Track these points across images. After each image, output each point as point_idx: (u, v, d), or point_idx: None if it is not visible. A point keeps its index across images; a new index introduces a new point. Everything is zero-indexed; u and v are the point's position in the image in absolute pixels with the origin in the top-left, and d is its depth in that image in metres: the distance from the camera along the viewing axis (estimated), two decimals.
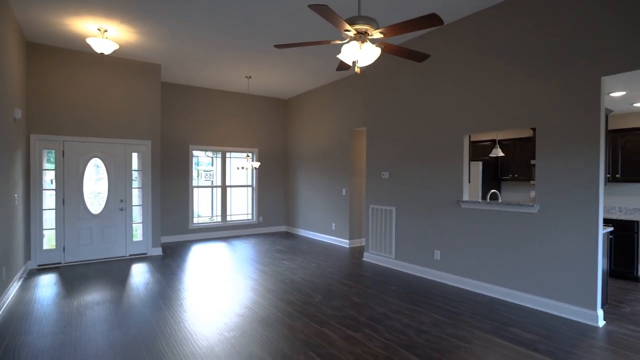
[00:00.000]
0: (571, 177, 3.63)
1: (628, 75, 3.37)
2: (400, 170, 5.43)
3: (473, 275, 4.46)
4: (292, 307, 3.85)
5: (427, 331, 3.29)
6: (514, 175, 6.25)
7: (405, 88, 5.37)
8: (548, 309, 3.76)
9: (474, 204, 4.45)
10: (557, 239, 3.72)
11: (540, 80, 3.85)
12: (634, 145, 5.07)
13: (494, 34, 4.26)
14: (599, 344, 3.08)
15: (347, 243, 7.08)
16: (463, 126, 4.61)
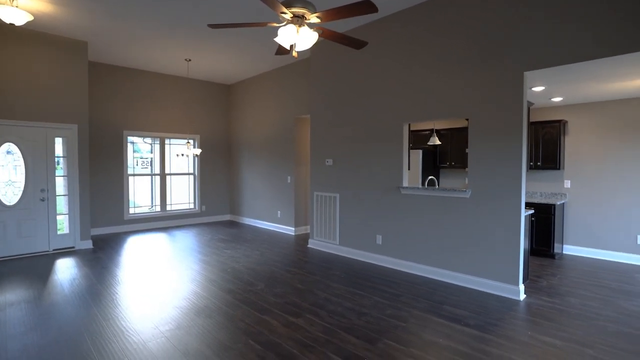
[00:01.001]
0: (498, 165, 3.89)
1: (546, 72, 3.65)
2: (344, 157, 5.48)
3: (412, 257, 4.66)
4: (233, 297, 3.74)
5: (368, 313, 3.37)
6: (451, 163, 6.60)
7: (349, 77, 5.39)
8: (479, 287, 4.04)
9: (412, 190, 4.62)
10: (486, 221, 3.99)
11: (472, 73, 4.05)
12: (552, 136, 5.58)
13: (431, 27, 4.39)
14: (519, 316, 3.37)
15: (293, 230, 7.06)
16: (403, 115, 4.73)
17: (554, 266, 4.99)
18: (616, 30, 3.15)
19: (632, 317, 3.36)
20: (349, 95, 5.41)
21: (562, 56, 3.45)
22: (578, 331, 3.05)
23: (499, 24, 3.85)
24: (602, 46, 3.22)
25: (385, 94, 4.92)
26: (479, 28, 4.00)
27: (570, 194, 5.66)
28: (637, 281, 4.38)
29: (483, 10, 3.97)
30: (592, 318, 3.32)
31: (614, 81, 4.14)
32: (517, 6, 3.72)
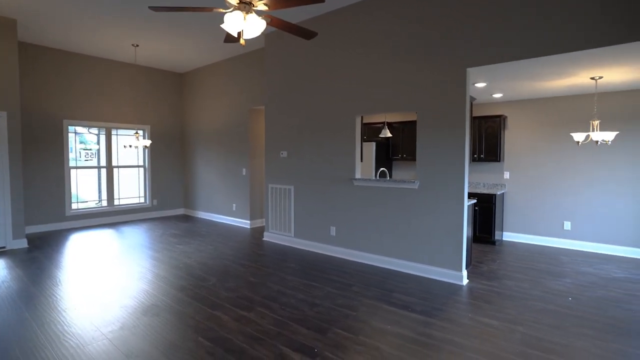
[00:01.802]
0: (444, 157, 4.08)
1: (487, 68, 3.87)
2: (298, 149, 5.48)
3: (365, 248, 4.79)
4: (184, 293, 3.64)
5: (320, 304, 3.43)
6: (402, 155, 6.83)
7: (303, 69, 5.37)
8: (426, 274, 4.25)
9: (365, 182, 4.73)
10: (433, 211, 4.19)
11: (420, 68, 4.20)
12: (493, 130, 5.94)
13: (381, 22, 4.47)
14: (462, 300, 3.59)
15: (248, 224, 6.98)
16: (355, 108, 4.81)
17: (494, 252, 5.36)
18: (545, 33, 3.40)
19: (556, 295, 3.71)
20: (303, 87, 5.39)
21: (499, 55, 3.66)
22: (511, 311, 3.32)
23: (444, 21, 4.00)
24: (531, 47, 3.46)
25: (339, 86, 4.96)
26: (426, 24, 4.13)
27: (509, 184, 6.09)
28: (562, 262, 4.83)
29: (429, 7, 4.10)
30: (524, 298, 3.62)
31: (546, 80, 4.47)
32: (460, 6, 3.88)
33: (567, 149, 5.53)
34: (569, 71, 4.02)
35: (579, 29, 3.24)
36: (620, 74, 4.15)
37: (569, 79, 4.41)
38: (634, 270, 4.55)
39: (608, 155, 5.22)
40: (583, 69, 3.89)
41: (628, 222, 5.13)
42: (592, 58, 3.50)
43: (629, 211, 5.12)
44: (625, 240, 5.15)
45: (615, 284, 4.05)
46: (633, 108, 5.04)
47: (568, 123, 5.50)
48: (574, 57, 3.47)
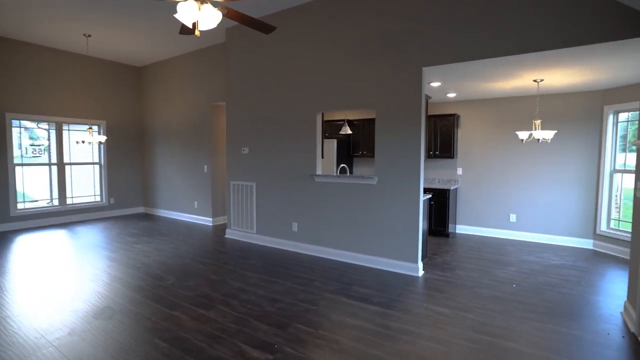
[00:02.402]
0: (400, 153, 4.24)
1: (441, 68, 4.05)
2: (260, 145, 5.46)
3: (326, 243, 4.88)
4: (140, 294, 3.55)
5: (280, 300, 3.48)
6: (363, 152, 6.99)
7: (265, 64, 5.34)
8: (385, 267, 4.40)
9: (325, 178, 4.81)
10: (391, 206, 4.34)
11: (378, 66, 4.32)
12: (447, 128, 6.23)
13: (343, 19, 4.55)
14: (417, 290, 3.77)
15: (211, 221, 6.87)
16: (316, 105, 4.86)
17: (448, 244, 5.65)
18: (492, 37, 3.62)
19: (502, 282, 3.99)
20: (264, 84, 5.37)
21: (452, 56, 3.85)
22: (462, 299, 3.53)
23: (402, 21, 4.14)
24: (480, 49, 3.68)
25: (300, 83, 5.00)
26: (385, 24, 4.25)
27: (462, 179, 6.42)
28: (508, 252, 5.19)
29: (388, 7, 4.22)
30: (473, 287, 3.86)
31: (494, 81, 4.75)
32: (417, 7, 4.03)
33: (513, 146, 5.92)
34: (514, 73, 4.30)
35: (523, 34, 3.48)
36: (559, 78, 4.50)
37: (514, 81, 4.72)
38: (568, 257, 4.98)
39: (548, 152, 5.64)
40: (526, 71, 4.18)
41: (565, 214, 5.59)
42: (534, 61, 3.76)
43: (566, 204, 5.57)
44: (563, 231, 5.61)
45: (552, 270, 4.42)
46: (569, 109, 5.48)
47: (514, 122, 5.88)
48: (518, 60, 3.72)
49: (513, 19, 3.52)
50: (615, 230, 5.17)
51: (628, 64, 3.84)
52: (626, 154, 5.12)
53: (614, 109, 5.13)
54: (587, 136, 5.39)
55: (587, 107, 5.38)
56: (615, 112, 5.15)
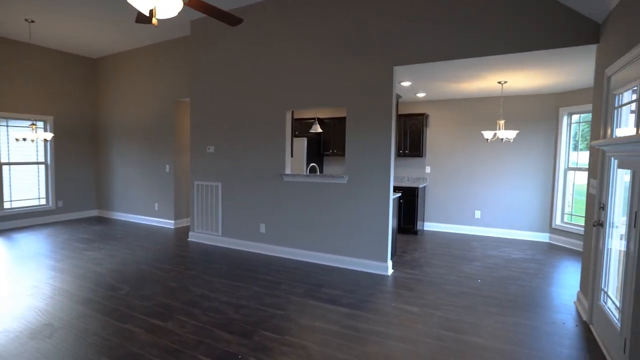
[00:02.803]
0: (371, 152, 4.19)
1: (411, 68, 4.03)
2: (226, 144, 5.23)
3: (295, 244, 4.74)
4: (88, 307, 3.23)
5: (246, 305, 3.30)
6: (333, 150, 6.91)
7: (232, 59, 5.11)
8: (354, 266, 4.33)
9: (295, 177, 4.67)
10: (361, 205, 4.28)
11: (350, 65, 4.24)
12: (416, 127, 6.29)
13: (315, 16, 4.43)
14: (387, 289, 3.72)
15: (173, 224, 6.52)
16: (285, 102, 4.71)
17: (417, 241, 5.69)
18: (461, 38, 3.64)
19: (468, 278, 4.04)
20: (231, 80, 5.14)
21: (422, 56, 3.84)
22: (430, 296, 3.52)
23: (374, 20, 4.08)
24: (449, 50, 3.69)
25: (269, 80, 4.82)
26: (358, 22, 4.18)
27: (430, 178, 6.50)
28: (473, 248, 5.30)
29: (362, 4, 4.15)
30: (441, 283, 3.87)
31: (462, 82, 4.81)
32: (390, 7, 3.99)
33: (479, 145, 6.06)
34: (480, 74, 4.36)
35: (488, 38, 3.52)
36: (521, 80, 4.63)
37: (480, 82, 4.80)
38: (528, 251, 5.16)
39: (510, 151, 5.83)
40: (491, 72, 4.25)
41: (524, 210, 5.80)
42: (498, 63, 3.83)
43: (526, 201, 5.78)
44: (523, 226, 5.82)
45: (514, 264, 4.54)
46: (529, 110, 5.68)
47: (479, 122, 6.01)
48: (484, 62, 3.77)
49: (479, 24, 3.56)
50: (568, 224, 5.43)
51: (579, 69, 4.00)
52: (578, 152, 5.37)
53: (568, 111, 5.37)
54: (545, 136, 5.61)
55: (545, 108, 5.60)
56: (569, 113, 5.40)
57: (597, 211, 2.85)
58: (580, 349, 2.64)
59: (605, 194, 2.72)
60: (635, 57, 2.25)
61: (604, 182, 2.76)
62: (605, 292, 2.68)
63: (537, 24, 3.32)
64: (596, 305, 2.82)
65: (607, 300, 2.66)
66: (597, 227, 2.81)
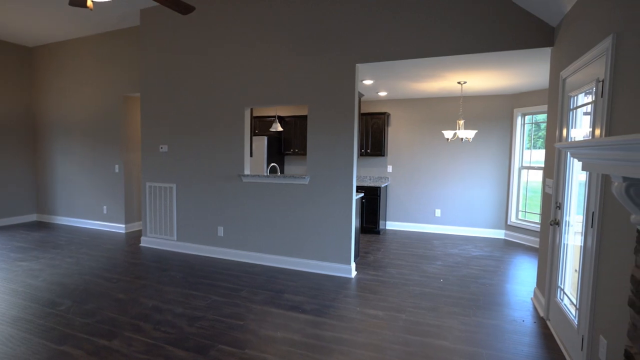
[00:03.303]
0: (333, 151, 4.08)
1: (374, 66, 3.97)
2: (181, 143, 4.91)
3: (255, 247, 4.54)
4: (20, 328, 2.85)
5: (202, 317, 3.08)
6: (295, 149, 6.75)
7: (187, 53, 4.79)
8: (317, 270, 4.21)
9: (254, 178, 4.47)
10: (323, 206, 4.16)
11: (312, 61, 4.10)
12: (378, 126, 6.28)
13: (277, 9, 4.24)
14: (351, 293, 3.64)
15: (123, 228, 6.06)
16: (244, 99, 4.49)
17: (379, 241, 5.68)
18: (419, 37, 3.62)
19: (430, 277, 4.05)
20: (187, 74, 4.82)
21: (384, 54, 3.78)
22: (395, 299, 3.48)
23: (338, 16, 3.96)
24: (410, 49, 3.66)
25: (227, 76, 4.57)
26: (320, 17, 4.04)
27: (392, 177, 6.53)
28: (434, 246, 5.37)
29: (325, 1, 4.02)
30: (405, 284, 3.85)
31: (423, 81, 4.83)
32: (354, 2, 3.89)
33: (439, 145, 6.16)
34: (440, 74, 4.39)
35: (449, 38, 3.53)
36: (479, 81, 4.73)
37: (440, 82, 4.85)
38: (486, 248, 5.31)
39: (469, 150, 5.98)
40: (452, 72, 4.29)
41: (482, 208, 5.98)
42: (458, 63, 3.86)
43: (483, 199, 5.96)
44: (481, 223, 6.00)
45: (474, 262, 4.64)
46: (487, 111, 5.84)
47: (440, 121, 6.11)
48: (444, 62, 3.78)
49: (439, 25, 3.57)
50: (522, 221, 5.66)
51: (534, 72, 4.14)
52: (531, 151, 5.60)
53: (522, 112, 5.58)
54: (501, 136, 5.80)
55: (501, 109, 5.79)
56: (522, 114, 5.61)
57: (553, 210, 2.92)
58: (539, 347, 2.69)
59: (561, 194, 2.79)
60: (588, 60, 2.30)
61: (560, 182, 2.83)
62: (562, 289, 2.75)
63: (495, 26, 3.36)
64: (553, 302, 2.90)
65: (563, 297, 2.73)
66: (554, 226, 2.88)
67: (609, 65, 1.96)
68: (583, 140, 1.60)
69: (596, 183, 2.11)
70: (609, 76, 1.96)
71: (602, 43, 2.06)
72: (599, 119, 2.12)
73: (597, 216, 2.06)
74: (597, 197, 2.09)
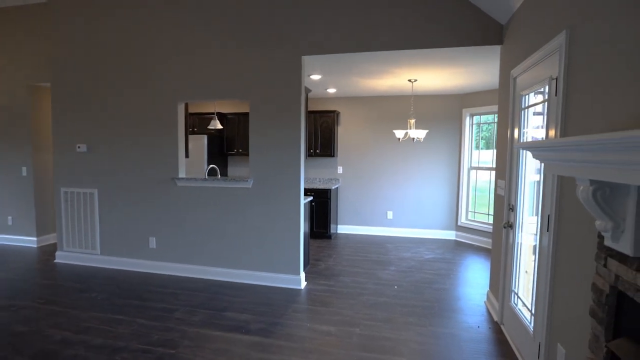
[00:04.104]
0: (279, 151, 3.74)
1: (321, 59, 3.70)
2: (103, 142, 4.26)
3: (194, 259, 4.06)
4: None
5: (124, 347, 2.58)
6: (239, 149, 6.29)
7: (109, 37, 4.16)
8: (264, 282, 3.84)
9: (190, 181, 3.99)
10: (269, 212, 3.81)
11: (255, 52, 3.73)
12: (328, 125, 6.04)
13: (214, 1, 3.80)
14: (301, 307, 3.32)
15: (35, 242, 5.19)
16: (178, 93, 3.99)
17: (331, 247, 5.43)
18: (367, 30, 3.41)
19: (385, 285, 3.87)
20: (109, 62, 4.18)
21: (331, 46, 3.53)
22: (348, 311, 3.23)
23: (281, 6, 3.63)
24: (358, 42, 3.45)
25: (157, 65, 4.02)
26: (263, 7, 3.67)
27: (342, 178, 6.33)
28: (388, 250, 5.24)
29: None
30: (358, 294, 3.62)
31: (373, 77, 4.66)
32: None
33: (390, 145, 6.06)
34: (390, 70, 4.24)
35: (397, 32, 3.36)
36: (429, 79, 4.66)
37: (391, 79, 4.71)
38: (438, 250, 5.29)
39: (420, 151, 5.95)
40: (402, 69, 4.15)
41: (433, 209, 5.98)
42: (407, 59, 3.72)
43: (434, 199, 5.97)
44: (432, 224, 6.01)
45: (427, 265, 4.56)
46: (437, 110, 5.85)
47: (391, 121, 6.00)
48: (393, 56, 3.61)
49: (388, 18, 3.39)
50: (472, 222, 5.74)
51: (483, 70, 4.14)
52: (479, 151, 5.70)
53: (470, 112, 5.66)
54: (451, 136, 5.84)
55: (450, 109, 5.83)
56: (471, 114, 5.70)
57: (506, 212, 2.85)
58: (496, 355, 2.58)
59: (514, 196, 2.72)
60: (540, 58, 2.21)
61: (513, 184, 2.75)
62: (516, 294, 2.68)
63: (444, 22, 3.25)
64: (507, 307, 2.82)
65: (517, 302, 2.65)
66: (507, 229, 2.81)
67: (563, 62, 1.85)
68: (546, 140, 1.45)
69: (552, 184, 2.01)
70: (562, 73, 1.86)
71: (555, 39, 1.96)
72: (552, 118, 2.02)
73: (553, 219, 1.95)
74: (552, 199, 1.98)
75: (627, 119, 1.34)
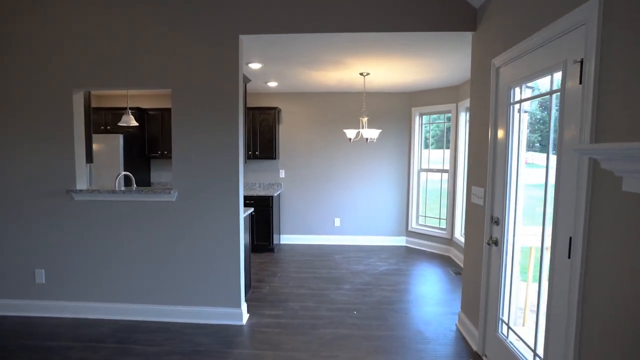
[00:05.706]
0: (212, 154, 2.97)
1: (261, 40, 3.00)
2: None
3: (96, 295, 3.11)
4: None
5: None
6: (163, 152, 5.30)
7: None
8: (194, 319, 3.04)
9: (93, 194, 3.03)
10: (199, 230, 3.02)
11: (179, 28, 2.90)
12: (268, 124, 5.33)
13: None
14: (242, 353, 2.60)
15: None
16: (73, 78, 3.00)
17: (275, 262, 4.74)
18: (317, 9, 2.81)
19: (341, 310, 3.30)
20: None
21: (274, 24, 2.86)
22: (303, 354, 2.59)
23: None
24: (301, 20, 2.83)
25: (43, 41, 2.98)
26: None
27: (285, 183, 5.66)
28: (338, 263, 4.69)
29: None
30: (312, 326, 2.99)
31: (320, 69, 4.08)
32: None
33: (337, 146, 5.53)
34: (342, 60, 3.69)
35: (353, 12, 2.80)
36: (382, 72, 4.20)
37: (341, 71, 4.16)
38: (391, 259, 4.87)
39: (368, 152, 5.50)
40: (354, 58, 3.61)
41: (383, 214, 5.59)
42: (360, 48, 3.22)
43: (384, 204, 5.57)
44: (382, 231, 5.61)
45: (383, 280, 4.09)
46: (389, 109, 5.44)
47: (341, 120, 5.44)
48: (350, 41, 3.06)
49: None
50: (422, 226, 5.45)
51: (441, 62, 3.76)
52: (429, 152, 5.41)
53: (419, 111, 5.36)
54: (401, 137, 5.48)
55: (400, 108, 5.47)
56: (420, 114, 5.39)
57: (488, 226, 2.43)
58: None
59: (499, 206, 2.30)
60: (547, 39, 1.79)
61: (497, 192, 2.34)
62: (506, 323, 2.26)
63: (412, 3, 2.77)
64: (492, 336, 2.41)
65: (509, 334, 2.24)
66: (491, 246, 2.39)
67: (595, 38, 1.41)
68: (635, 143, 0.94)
69: (576, 193, 1.54)
70: (596, 52, 1.42)
71: (576, 12, 1.53)
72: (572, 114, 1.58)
73: (582, 243, 1.51)
74: (577, 215, 1.53)
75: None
